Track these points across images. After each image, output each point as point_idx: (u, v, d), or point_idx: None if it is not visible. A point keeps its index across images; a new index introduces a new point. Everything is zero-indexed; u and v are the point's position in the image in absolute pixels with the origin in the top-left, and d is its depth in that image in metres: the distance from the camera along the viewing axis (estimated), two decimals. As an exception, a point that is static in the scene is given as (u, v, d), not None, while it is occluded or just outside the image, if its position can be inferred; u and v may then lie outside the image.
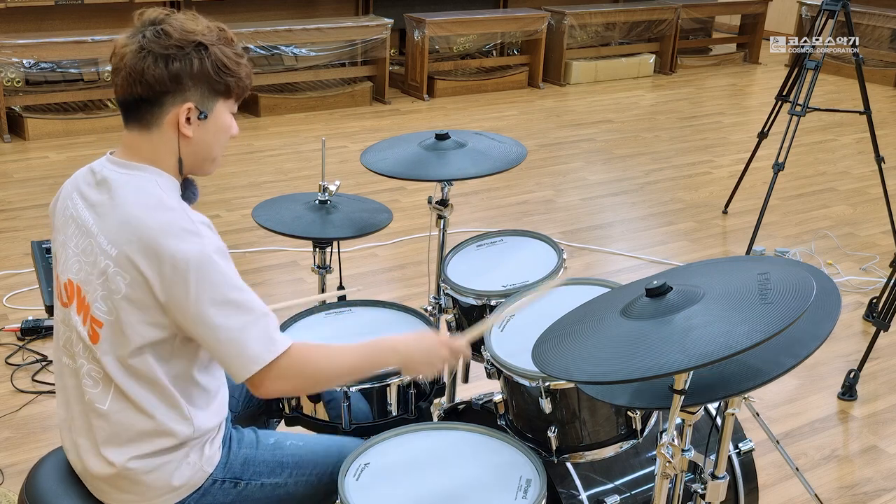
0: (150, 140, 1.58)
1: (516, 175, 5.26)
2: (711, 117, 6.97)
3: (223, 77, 1.57)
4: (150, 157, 1.59)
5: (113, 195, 1.56)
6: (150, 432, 1.60)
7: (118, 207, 1.54)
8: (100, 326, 1.56)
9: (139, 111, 1.56)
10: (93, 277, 1.56)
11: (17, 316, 3.51)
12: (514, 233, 2.43)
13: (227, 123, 1.63)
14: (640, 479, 1.93)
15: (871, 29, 8.17)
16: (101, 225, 1.55)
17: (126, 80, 1.54)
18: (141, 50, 1.52)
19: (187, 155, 1.60)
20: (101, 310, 1.55)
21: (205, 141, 1.61)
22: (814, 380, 3.30)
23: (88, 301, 1.57)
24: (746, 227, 4.54)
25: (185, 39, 1.53)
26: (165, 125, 1.57)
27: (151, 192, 1.55)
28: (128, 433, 1.60)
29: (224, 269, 1.52)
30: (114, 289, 1.53)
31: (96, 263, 1.55)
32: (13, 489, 2.54)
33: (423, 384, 2.06)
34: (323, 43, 6.68)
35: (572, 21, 7.69)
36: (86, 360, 1.60)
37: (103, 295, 1.54)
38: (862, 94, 4.25)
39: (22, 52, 5.56)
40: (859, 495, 2.70)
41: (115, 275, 1.52)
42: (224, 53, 1.57)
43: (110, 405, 1.59)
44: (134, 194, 1.55)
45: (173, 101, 1.55)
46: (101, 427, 1.61)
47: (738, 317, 1.36)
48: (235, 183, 5.12)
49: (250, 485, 1.73)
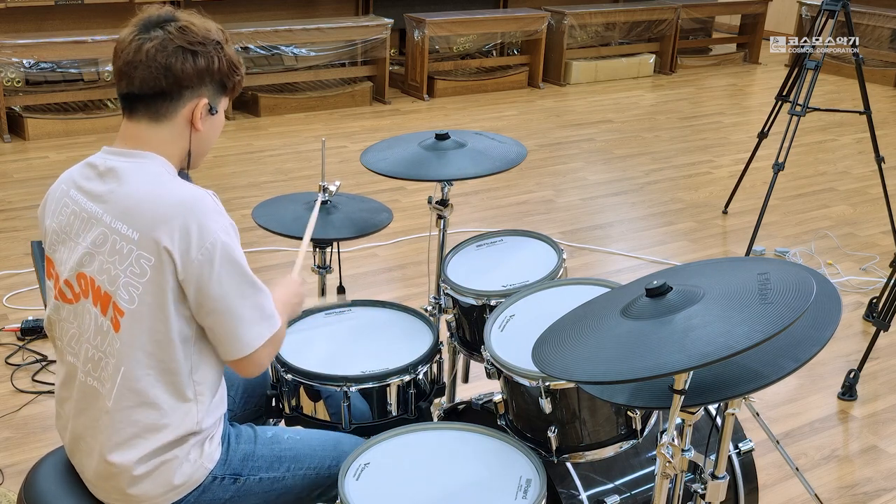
0: (159, 132, 1.60)
1: (516, 175, 5.26)
2: (711, 117, 6.97)
3: (233, 76, 1.64)
4: (155, 148, 1.61)
5: (122, 182, 1.57)
6: (155, 427, 1.60)
7: (133, 192, 1.56)
8: (121, 315, 1.56)
9: (154, 104, 1.59)
10: (112, 266, 1.56)
11: (17, 316, 3.51)
12: (514, 233, 2.43)
13: (223, 120, 1.71)
14: (640, 479, 1.93)
15: (871, 29, 8.17)
16: (115, 212, 1.56)
17: (148, 74, 1.55)
18: (165, 44, 1.55)
19: (194, 148, 1.65)
20: (124, 298, 1.55)
21: (209, 136, 1.67)
22: (814, 380, 3.31)
23: (108, 291, 1.57)
24: (746, 227, 4.54)
25: (207, 38, 1.59)
26: (179, 118, 1.60)
27: (162, 174, 1.58)
28: (132, 428, 1.60)
29: (240, 248, 1.58)
30: (139, 273, 1.54)
31: (116, 251, 1.55)
32: (13, 489, 2.54)
33: (422, 384, 2.06)
34: (323, 43, 6.68)
35: (572, 21, 7.69)
36: (101, 354, 1.59)
37: (125, 282, 1.55)
38: (862, 94, 4.25)
39: (22, 52, 5.56)
40: (859, 495, 2.70)
41: (139, 258, 1.53)
42: (232, 53, 1.64)
43: (116, 400, 1.59)
44: (146, 178, 1.57)
45: (191, 96, 1.60)
46: (105, 424, 1.61)
47: (737, 317, 1.36)
48: (235, 183, 5.12)
49: (249, 480, 1.73)
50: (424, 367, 2.05)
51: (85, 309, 1.61)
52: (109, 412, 1.59)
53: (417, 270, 4.05)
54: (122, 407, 1.59)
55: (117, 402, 1.58)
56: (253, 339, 1.60)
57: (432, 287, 2.44)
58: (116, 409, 1.59)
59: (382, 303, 2.30)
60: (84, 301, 1.60)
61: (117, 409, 1.59)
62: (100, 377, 1.60)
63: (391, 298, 2.79)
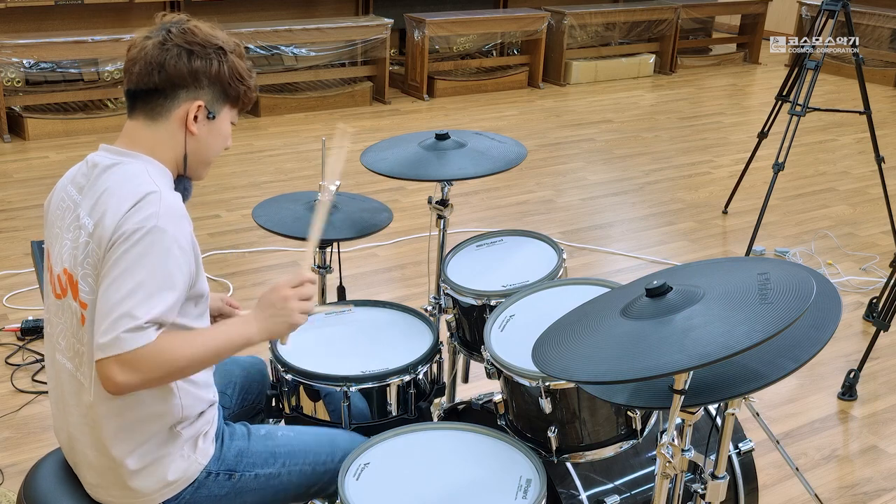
0: (154, 131, 1.61)
1: (516, 175, 5.26)
2: (711, 117, 6.97)
3: (236, 84, 1.64)
4: (147, 148, 1.62)
5: (100, 177, 1.58)
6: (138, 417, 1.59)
7: (100, 185, 1.57)
8: (84, 308, 1.56)
9: (150, 101, 1.60)
10: (78, 258, 1.57)
11: (17, 316, 3.51)
12: (514, 233, 2.43)
13: (227, 131, 1.70)
14: (640, 479, 1.93)
15: (871, 29, 8.16)
16: (85, 205, 1.58)
17: (145, 69, 1.58)
18: (165, 42, 1.58)
19: (190, 153, 1.65)
20: (84, 290, 1.56)
21: (207, 142, 1.66)
22: (814, 380, 3.30)
23: (79, 284, 1.57)
24: (746, 227, 4.54)
25: (209, 41, 1.61)
26: (173, 119, 1.61)
27: (138, 174, 1.57)
28: (116, 420, 1.59)
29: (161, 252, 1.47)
30: (93, 263, 1.54)
31: (80, 244, 1.56)
32: (13, 489, 2.54)
33: (422, 384, 2.06)
34: (323, 43, 6.67)
35: (572, 21, 7.69)
36: (82, 346, 1.59)
37: (83, 274, 1.55)
38: (862, 94, 4.25)
39: (22, 52, 5.56)
40: (859, 495, 2.70)
41: (93, 250, 1.53)
42: (239, 63, 1.65)
43: (97, 394, 1.58)
44: (121, 175, 1.57)
45: (186, 97, 1.60)
46: (93, 419, 1.61)
47: (737, 317, 1.36)
48: (235, 183, 5.12)
49: (244, 476, 1.74)
50: (424, 367, 2.05)
51: (67, 303, 1.61)
52: (93, 405, 1.60)
53: (417, 270, 4.05)
54: (102, 399, 1.58)
55: (97, 395, 1.58)
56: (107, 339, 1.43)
57: (432, 287, 2.44)
58: (98, 402, 1.59)
59: (382, 303, 2.30)
60: (69, 295, 1.61)
61: (98, 401, 1.59)
62: (83, 371, 1.61)
63: (391, 298, 2.79)
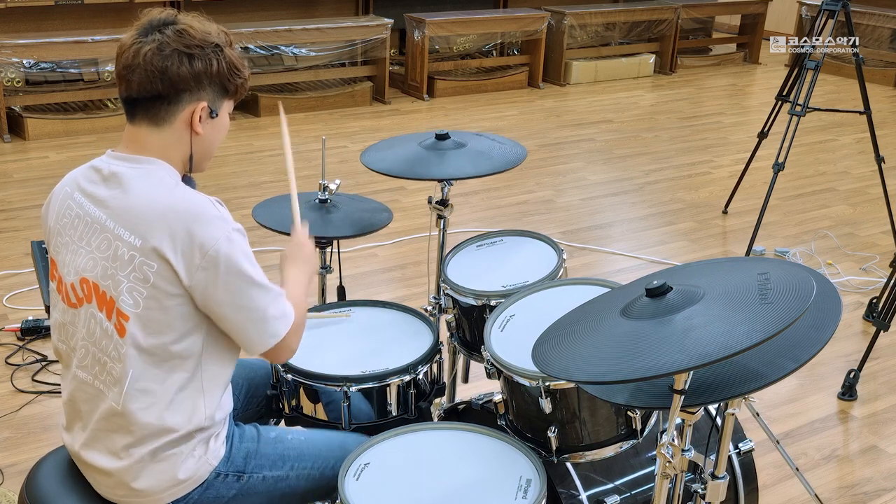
0: (160, 136, 1.61)
1: (516, 175, 5.26)
2: (711, 117, 6.97)
3: (234, 78, 1.64)
4: (157, 152, 1.61)
5: (126, 188, 1.58)
6: (165, 427, 1.61)
7: (136, 199, 1.57)
8: (126, 320, 1.56)
9: (153, 108, 1.59)
10: (115, 271, 1.56)
11: (17, 316, 3.51)
12: (514, 233, 2.43)
13: (227, 122, 1.71)
14: (640, 479, 1.93)
15: (871, 29, 8.16)
16: (118, 218, 1.57)
17: (146, 77, 1.56)
18: (162, 48, 1.55)
19: (196, 152, 1.65)
20: (128, 303, 1.56)
21: (210, 139, 1.67)
22: (814, 380, 3.30)
23: (112, 296, 1.57)
24: (746, 227, 4.54)
25: (206, 41, 1.59)
26: (178, 122, 1.61)
27: (166, 182, 1.59)
28: (143, 431, 1.60)
29: (247, 250, 1.60)
30: (142, 279, 1.55)
31: (118, 257, 1.56)
32: (13, 489, 2.54)
33: (422, 384, 2.06)
34: (323, 43, 6.67)
35: (572, 21, 7.69)
36: (107, 357, 1.60)
37: (129, 287, 1.55)
38: (862, 94, 4.25)
39: (22, 52, 5.56)
40: (859, 495, 2.70)
41: (142, 265, 1.54)
42: (234, 56, 1.64)
43: (125, 403, 1.59)
44: (149, 185, 1.58)
45: (189, 100, 1.60)
46: (116, 425, 1.61)
47: (737, 317, 1.36)
48: (235, 183, 5.12)
49: (252, 478, 1.74)
50: (424, 367, 2.05)
51: (89, 314, 1.61)
52: (120, 414, 1.60)
53: (417, 270, 4.05)
54: (132, 409, 1.59)
55: (126, 405, 1.59)
56: (268, 338, 1.63)
57: (432, 287, 2.44)
58: (127, 412, 1.59)
59: (382, 303, 2.30)
60: (88, 306, 1.61)
61: (127, 411, 1.59)
62: (105, 381, 1.61)
63: (391, 298, 2.79)
